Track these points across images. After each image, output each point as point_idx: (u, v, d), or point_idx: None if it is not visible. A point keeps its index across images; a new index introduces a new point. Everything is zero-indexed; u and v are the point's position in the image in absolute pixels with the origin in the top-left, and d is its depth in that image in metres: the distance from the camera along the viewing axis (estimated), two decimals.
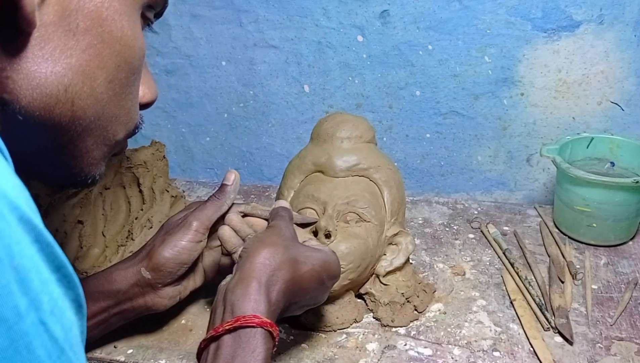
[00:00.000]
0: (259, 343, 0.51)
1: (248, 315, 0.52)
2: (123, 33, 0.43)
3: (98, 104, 0.43)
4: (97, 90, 0.42)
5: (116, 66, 0.43)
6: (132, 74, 0.46)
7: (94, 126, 0.44)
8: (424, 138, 1.07)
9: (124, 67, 0.44)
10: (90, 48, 0.41)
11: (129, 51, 0.44)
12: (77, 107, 0.41)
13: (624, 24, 0.92)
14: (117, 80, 0.44)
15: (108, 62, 0.42)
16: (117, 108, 0.45)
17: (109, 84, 0.43)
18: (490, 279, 0.83)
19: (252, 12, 1.03)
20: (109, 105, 0.44)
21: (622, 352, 0.68)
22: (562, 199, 0.90)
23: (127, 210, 0.87)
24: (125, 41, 0.44)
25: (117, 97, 0.45)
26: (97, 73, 0.42)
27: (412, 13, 0.97)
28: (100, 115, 0.44)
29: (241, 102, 1.11)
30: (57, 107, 0.40)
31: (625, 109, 0.97)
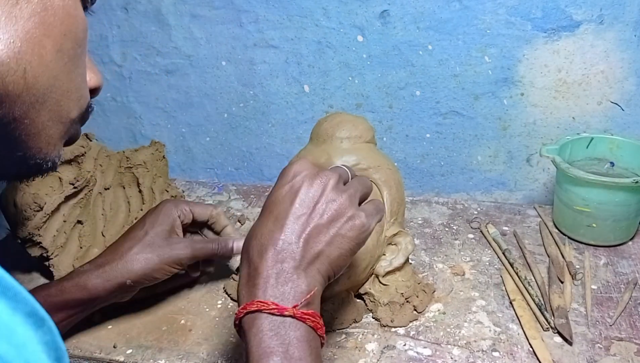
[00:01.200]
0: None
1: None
2: (64, 2, 0.43)
3: (49, 73, 0.43)
4: (46, 58, 0.42)
5: (62, 34, 0.43)
6: (78, 45, 0.45)
7: (48, 98, 0.43)
8: (424, 138, 1.07)
9: (69, 36, 0.44)
10: (34, 16, 0.41)
11: (72, 20, 0.44)
12: (29, 75, 0.41)
13: (624, 24, 0.92)
14: (65, 50, 0.43)
15: (54, 30, 0.42)
16: (68, 81, 0.45)
17: (57, 53, 0.43)
18: (489, 279, 0.83)
19: (252, 12, 1.03)
20: (60, 76, 0.44)
21: (621, 352, 0.68)
22: (561, 199, 0.90)
23: (127, 210, 0.88)
24: (67, 10, 0.43)
25: (67, 69, 0.44)
26: (44, 41, 0.42)
27: (412, 13, 0.97)
28: (53, 86, 0.43)
29: (241, 102, 1.11)
30: (9, 76, 0.40)
31: (625, 109, 0.97)
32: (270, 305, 0.49)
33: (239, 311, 0.50)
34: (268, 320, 0.48)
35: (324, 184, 0.54)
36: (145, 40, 1.09)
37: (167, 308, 0.78)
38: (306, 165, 0.56)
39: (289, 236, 0.52)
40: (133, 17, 1.08)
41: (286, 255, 0.51)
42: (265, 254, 0.51)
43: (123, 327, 0.75)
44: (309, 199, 0.53)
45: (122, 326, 0.75)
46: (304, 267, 0.51)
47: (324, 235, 0.53)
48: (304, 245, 0.52)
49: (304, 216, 0.53)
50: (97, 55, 1.13)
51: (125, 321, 0.76)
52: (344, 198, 0.54)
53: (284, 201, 0.53)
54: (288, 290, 0.50)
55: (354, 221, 0.54)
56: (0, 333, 0.29)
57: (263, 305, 0.49)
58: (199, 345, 0.72)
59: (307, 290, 0.50)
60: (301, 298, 0.50)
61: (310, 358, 0.48)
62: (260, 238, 0.52)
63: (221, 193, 1.11)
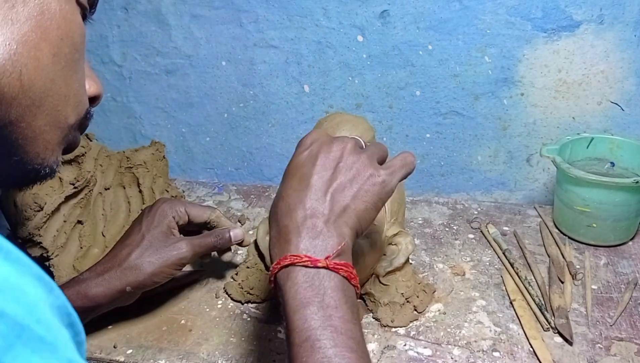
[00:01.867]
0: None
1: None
2: (61, 7, 0.43)
3: (46, 76, 0.43)
4: (42, 61, 0.42)
5: (59, 38, 0.43)
6: (75, 50, 0.45)
7: (44, 102, 0.43)
8: (424, 138, 1.07)
9: (66, 40, 0.44)
10: (31, 19, 0.41)
11: (69, 25, 0.44)
12: (25, 78, 0.41)
13: (624, 24, 0.92)
14: (62, 54, 0.44)
15: (50, 34, 0.42)
16: (65, 86, 0.45)
17: (54, 57, 0.43)
18: (490, 279, 0.83)
19: (252, 12, 1.03)
20: (57, 80, 0.44)
21: (621, 352, 0.68)
22: (562, 199, 0.90)
23: (127, 210, 0.88)
24: (64, 14, 0.44)
25: (64, 74, 0.44)
26: (40, 44, 0.42)
27: (412, 13, 0.97)
28: (49, 90, 0.43)
29: (241, 102, 1.11)
30: (4, 78, 0.40)
31: (625, 109, 0.97)
32: (303, 257, 0.49)
33: (273, 267, 0.51)
34: (302, 272, 0.49)
35: (343, 147, 0.56)
36: (145, 40, 1.09)
37: (168, 308, 0.78)
38: (322, 133, 0.58)
39: (315, 194, 0.53)
40: (133, 17, 1.08)
41: (314, 211, 0.52)
42: (293, 213, 0.52)
43: (123, 327, 0.75)
44: (330, 160, 0.55)
45: (123, 326, 0.75)
46: (332, 221, 0.52)
47: (349, 190, 0.54)
48: (330, 200, 0.53)
49: (327, 175, 0.54)
50: (97, 55, 1.13)
51: (125, 321, 0.76)
52: (363, 158, 0.56)
53: (306, 164, 0.55)
54: (319, 243, 0.50)
55: (375, 178, 0.55)
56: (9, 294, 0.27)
57: (296, 258, 0.50)
58: (199, 345, 0.72)
59: (337, 242, 0.51)
60: (333, 249, 0.50)
61: (347, 307, 0.49)
62: (287, 199, 0.53)
63: (221, 193, 1.11)
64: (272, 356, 0.69)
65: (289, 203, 0.53)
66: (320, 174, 0.54)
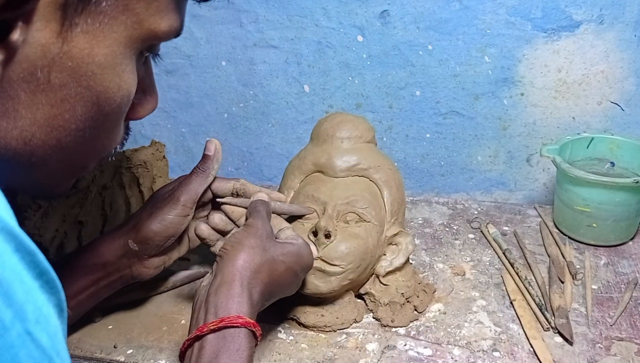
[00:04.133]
0: (243, 342, 0.53)
1: (232, 315, 0.53)
2: (104, 87, 0.39)
3: (61, 152, 0.40)
4: (62, 141, 0.39)
5: (89, 117, 0.40)
6: (109, 120, 0.42)
7: (55, 167, 0.42)
8: (424, 138, 1.07)
9: (100, 118, 0.41)
10: (62, 103, 0.38)
11: (108, 102, 0.40)
12: (36, 158, 0.39)
13: (624, 24, 0.92)
14: (89, 128, 0.40)
15: (81, 115, 0.39)
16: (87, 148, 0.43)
17: (78, 133, 0.40)
18: (490, 279, 0.83)
19: (252, 12, 1.03)
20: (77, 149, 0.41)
21: (622, 352, 0.68)
22: (562, 199, 0.90)
23: (127, 210, 0.87)
24: (105, 95, 0.40)
25: (88, 142, 0.42)
26: (65, 126, 0.39)
27: (412, 13, 0.97)
28: (65, 159, 0.41)
29: (241, 102, 1.11)
30: (14, 159, 0.38)
31: (625, 109, 0.97)
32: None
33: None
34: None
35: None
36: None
37: (168, 308, 0.78)
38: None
39: None
40: None
41: None
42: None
43: (123, 327, 0.75)
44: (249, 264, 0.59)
45: (123, 326, 0.75)
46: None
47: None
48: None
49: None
50: None
51: (125, 321, 0.76)
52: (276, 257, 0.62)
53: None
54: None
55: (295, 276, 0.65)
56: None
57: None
58: None
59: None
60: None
61: None
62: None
63: None
64: (272, 356, 0.69)
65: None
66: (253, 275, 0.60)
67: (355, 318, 0.74)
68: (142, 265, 0.69)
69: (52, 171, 0.42)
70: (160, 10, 0.41)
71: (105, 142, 0.45)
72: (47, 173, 0.42)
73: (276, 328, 0.74)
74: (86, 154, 0.44)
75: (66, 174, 0.45)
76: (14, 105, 0.36)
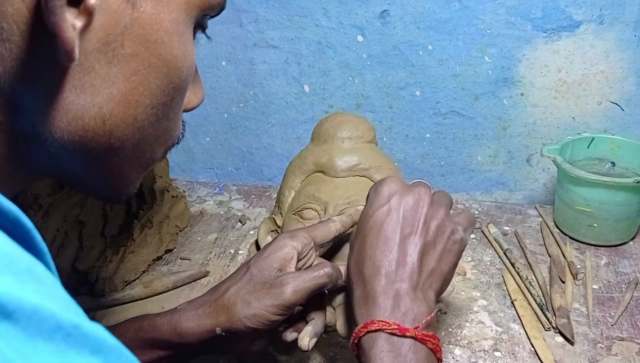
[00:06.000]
0: None
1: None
2: (172, 55, 0.39)
3: (138, 132, 0.39)
4: (138, 118, 0.38)
5: (161, 90, 0.39)
6: (177, 95, 0.41)
7: (131, 153, 0.40)
8: (424, 138, 1.07)
9: (169, 90, 0.40)
10: (136, 75, 0.37)
11: (177, 73, 0.40)
12: (114, 139, 0.38)
13: (624, 24, 0.92)
14: (160, 104, 0.40)
15: (154, 89, 0.38)
16: (157, 131, 0.41)
17: (152, 110, 0.39)
18: (491, 279, 0.83)
19: (252, 12, 1.03)
20: (149, 130, 0.40)
21: (623, 352, 0.68)
22: (562, 199, 0.90)
23: (128, 210, 0.87)
24: (174, 63, 0.39)
25: (159, 121, 0.41)
26: (140, 101, 0.38)
27: (412, 13, 0.97)
28: (139, 141, 0.40)
29: (241, 102, 1.11)
30: (94, 141, 0.37)
31: (625, 109, 0.97)
32: (392, 325, 0.48)
33: (358, 330, 0.49)
34: (389, 340, 0.48)
35: (422, 201, 0.54)
36: None
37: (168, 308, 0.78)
38: (398, 184, 0.56)
39: (403, 257, 0.51)
40: None
41: (403, 275, 0.50)
42: (381, 275, 0.51)
43: None
44: (411, 217, 0.53)
45: None
46: (420, 287, 0.51)
47: (433, 251, 0.52)
48: (418, 264, 0.51)
49: (411, 235, 0.52)
50: None
51: None
52: (442, 213, 0.54)
53: (388, 223, 0.53)
54: (409, 310, 0.49)
55: (455, 235, 0.54)
56: None
57: (385, 324, 0.48)
58: None
59: (427, 311, 0.49)
60: (422, 319, 0.49)
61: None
62: (374, 259, 0.52)
63: (222, 193, 1.11)
64: (273, 356, 0.69)
65: (376, 264, 0.51)
66: (404, 235, 0.52)
67: None
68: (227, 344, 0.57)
69: (128, 159, 0.41)
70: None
71: (172, 126, 0.43)
72: (123, 161, 0.41)
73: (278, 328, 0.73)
74: (157, 140, 0.42)
75: (138, 166, 0.43)
76: (90, 80, 0.35)
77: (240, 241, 0.93)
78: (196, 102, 0.47)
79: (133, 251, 0.83)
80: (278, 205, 0.82)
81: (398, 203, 0.53)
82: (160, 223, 0.88)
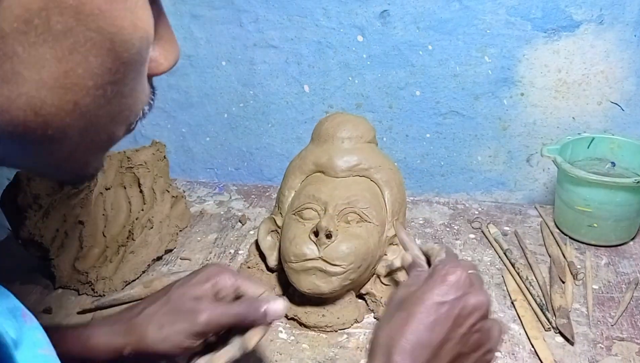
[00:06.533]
0: None
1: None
2: (116, 27, 0.32)
3: (82, 118, 0.33)
4: (81, 103, 0.32)
5: (107, 69, 0.32)
6: (131, 70, 0.35)
7: (80, 139, 0.35)
8: (424, 138, 1.07)
9: (118, 67, 0.33)
10: (70, 54, 0.30)
11: (125, 46, 0.33)
12: (53, 130, 0.32)
13: (624, 24, 0.92)
14: (109, 84, 0.33)
15: (96, 68, 0.32)
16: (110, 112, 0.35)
17: (98, 91, 0.33)
18: (491, 279, 0.83)
19: (252, 12, 1.03)
20: (99, 113, 0.34)
21: (623, 352, 0.68)
22: (562, 199, 0.90)
23: (128, 210, 0.87)
24: (120, 36, 0.32)
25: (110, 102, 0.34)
26: (80, 83, 0.32)
27: (412, 13, 0.97)
28: (88, 127, 0.34)
29: (241, 102, 1.11)
30: (28, 135, 0.32)
31: (625, 109, 0.97)
32: None
33: None
34: None
35: (480, 310, 0.51)
36: None
37: None
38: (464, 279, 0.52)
39: (438, 352, 0.49)
40: None
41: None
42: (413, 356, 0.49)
43: None
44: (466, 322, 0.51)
45: None
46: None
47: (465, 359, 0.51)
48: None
49: (456, 339, 0.50)
50: None
51: None
52: (489, 328, 0.52)
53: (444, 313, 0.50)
54: None
55: (489, 355, 0.52)
56: None
57: None
58: None
59: None
60: None
61: None
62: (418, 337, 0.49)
63: (222, 193, 1.11)
64: (273, 356, 0.69)
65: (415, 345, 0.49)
66: (451, 335, 0.50)
67: (356, 318, 0.74)
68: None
69: (77, 146, 0.35)
70: None
71: (131, 101, 0.36)
72: (71, 149, 0.35)
73: (277, 328, 0.74)
74: (112, 120, 0.36)
75: (94, 149, 0.38)
76: (12, 66, 0.29)
77: (240, 241, 0.93)
78: (167, 65, 0.40)
79: (133, 251, 0.83)
80: (278, 205, 0.82)
81: (459, 302, 0.51)
82: (160, 223, 0.88)
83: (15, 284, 0.84)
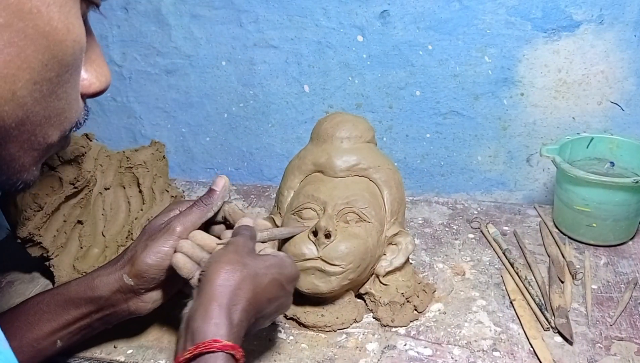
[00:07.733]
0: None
1: (208, 340, 0.51)
2: (52, 27, 0.37)
3: (20, 109, 0.37)
4: (18, 94, 0.36)
5: (43, 65, 0.37)
6: (65, 71, 0.39)
7: (17, 132, 0.38)
8: (424, 138, 1.07)
9: (53, 65, 0.38)
10: (10, 46, 0.35)
11: (59, 47, 0.37)
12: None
13: (624, 24, 0.92)
14: (44, 80, 0.38)
15: (33, 62, 0.36)
16: (46, 110, 0.39)
17: (34, 85, 0.37)
18: (490, 279, 0.83)
19: (252, 12, 1.03)
20: (35, 108, 0.38)
21: (621, 352, 0.68)
22: (562, 199, 0.90)
23: (127, 210, 0.87)
24: (55, 36, 0.37)
25: (46, 99, 0.39)
26: (18, 75, 0.36)
27: (412, 13, 0.97)
28: (24, 120, 0.38)
29: (241, 102, 1.11)
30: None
31: (625, 109, 0.97)
32: None
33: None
34: None
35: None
36: (145, 41, 1.09)
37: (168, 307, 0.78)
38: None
39: None
40: (133, 17, 1.08)
41: None
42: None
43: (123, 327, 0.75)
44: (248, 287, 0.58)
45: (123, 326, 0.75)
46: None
47: None
48: None
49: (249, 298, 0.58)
50: None
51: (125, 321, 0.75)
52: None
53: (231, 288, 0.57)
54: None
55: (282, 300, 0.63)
56: None
57: None
58: None
59: None
60: None
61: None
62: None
63: None
64: (272, 356, 0.70)
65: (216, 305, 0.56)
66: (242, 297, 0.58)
67: (355, 318, 0.74)
68: (139, 299, 0.66)
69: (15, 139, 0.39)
70: None
71: (65, 106, 0.41)
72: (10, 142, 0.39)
73: (276, 328, 0.74)
74: (47, 120, 0.40)
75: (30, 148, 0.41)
76: None
77: None
78: (99, 86, 0.45)
79: None
80: (277, 205, 0.82)
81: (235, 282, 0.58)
82: None
83: (15, 284, 0.84)
